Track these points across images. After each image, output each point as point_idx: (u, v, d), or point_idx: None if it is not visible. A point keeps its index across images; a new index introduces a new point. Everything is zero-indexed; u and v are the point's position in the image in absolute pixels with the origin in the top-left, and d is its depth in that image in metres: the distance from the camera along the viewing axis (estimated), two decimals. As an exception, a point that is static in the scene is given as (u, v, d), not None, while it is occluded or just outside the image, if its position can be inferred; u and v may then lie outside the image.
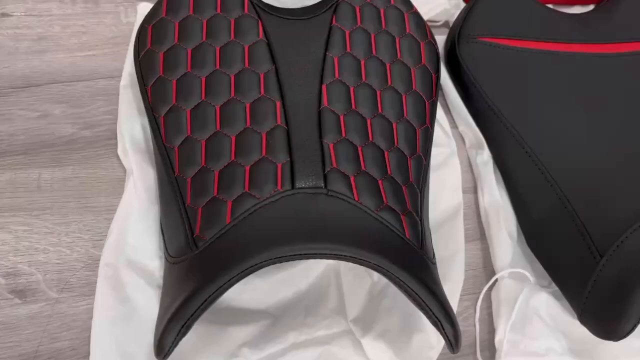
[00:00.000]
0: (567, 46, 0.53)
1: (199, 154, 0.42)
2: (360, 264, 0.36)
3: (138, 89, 0.46)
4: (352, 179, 0.41)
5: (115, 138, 0.48)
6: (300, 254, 0.36)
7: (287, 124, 0.43)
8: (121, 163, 0.48)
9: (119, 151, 0.47)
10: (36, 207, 0.45)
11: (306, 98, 0.45)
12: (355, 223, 0.39)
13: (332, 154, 0.42)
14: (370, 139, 0.44)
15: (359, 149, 0.43)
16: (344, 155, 0.42)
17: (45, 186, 0.46)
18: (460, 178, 0.51)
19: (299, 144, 0.42)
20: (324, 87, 0.45)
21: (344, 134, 0.43)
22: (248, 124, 0.43)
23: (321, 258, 0.36)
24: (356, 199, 0.40)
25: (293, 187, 0.40)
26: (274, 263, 0.35)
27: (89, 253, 0.44)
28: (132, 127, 0.48)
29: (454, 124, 0.54)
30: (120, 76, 0.51)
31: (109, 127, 0.49)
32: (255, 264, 0.35)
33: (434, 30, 0.53)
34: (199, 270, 0.36)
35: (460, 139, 0.54)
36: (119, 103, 0.49)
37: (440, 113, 0.53)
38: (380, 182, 0.42)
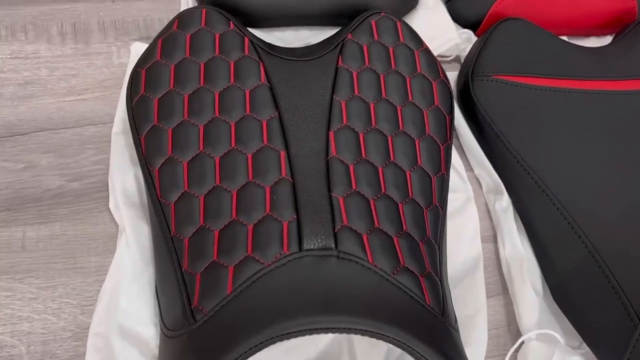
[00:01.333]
0: (587, 83, 0.50)
1: (197, 211, 0.39)
2: (378, 339, 0.32)
3: (131, 136, 0.43)
4: (364, 237, 0.37)
5: (107, 190, 0.45)
6: (310, 329, 0.32)
7: (292, 176, 0.40)
8: (113, 218, 0.44)
9: (111, 205, 0.44)
10: (20, 269, 0.41)
11: (312, 147, 0.41)
12: (370, 290, 0.35)
13: (343, 209, 0.38)
14: (383, 190, 0.41)
15: (371, 202, 0.40)
16: (355, 211, 0.39)
17: (30, 245, 0.42)
18: (478, 226, 0.47)
19: (306, 198, 0.39)
20: (331, 134, 0.42)
21: (354, 186, 0.40)
22: (250, 177, 0.40)
23: (333, 332, 0.33)
24: (370, 260, 0.36)
25: (300, 249, 0.36)
26: (280, 340, 0.32)
27: (77, 320, 0.40)
28: (124, 178, 0.44)
29: (469, 167, 0.51)
30: (112, 122, 0.47)
31: (99, 178, 0.46)
32: (260, 343, 0.31)
33: (444, 66, 0.50)
34: (197, 351, 0.32)
35: (477, 182, 0.50)
36: (110, 152, 0.46)
37: (454, 155, 0.49)
38: (395, 239, 0.38)
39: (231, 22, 0.47)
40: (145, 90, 0.43)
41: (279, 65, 0.45)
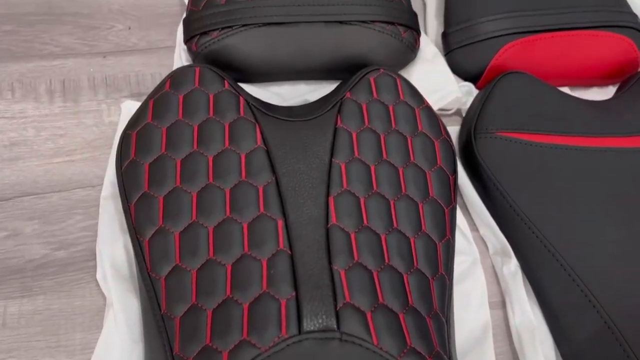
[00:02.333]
0: (592, 140, 0.48)
1: (189, 287, 0.36)
2: None
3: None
4: (368, 315, 0.35)
5: (94, 259, 0.42)
6: None
7: (290, 247, 0.38)
8: (100, 289, 0.41)
9: (98, 276, 0.41)
10: (0, 349, 0.39)
11: (311, 214, 0.39)
12: (376, 377, 0.33)
13: (344, 284, 0.36)
14: (387, 260, 0.39)
15: (374, 274, 0.38)
16: (358, 285, 0.36)
17: (12, 322, 0.40)
18: (485, 291, 0.45)
19: (305, 272, 0.36)
20: (331, 199, 0.40)
21: (356, 258, 0.38)
22: (246, 249, 0.37)
23: None
24: (375, 342, 0.34)
25: (300, 331, 0.34)
26: None
27: (60, 406, 0.38)
28: (113, 248, 0.42)
29: (474, 227, 0.49)
30: (101, 185, 0.45)
31: (87, 245, 0.43)
32: None
33: (444, 120, 0.49)
34: None
35: (483, 243, 0.48)
36: (99, 217, 0.44)
37: (458, 215, 0.47)
38: (401, 316, 0.36)
39: (226, 81, 0.45)
40: (135, 155, 0.42)
41: (276, 127, 0.44)
